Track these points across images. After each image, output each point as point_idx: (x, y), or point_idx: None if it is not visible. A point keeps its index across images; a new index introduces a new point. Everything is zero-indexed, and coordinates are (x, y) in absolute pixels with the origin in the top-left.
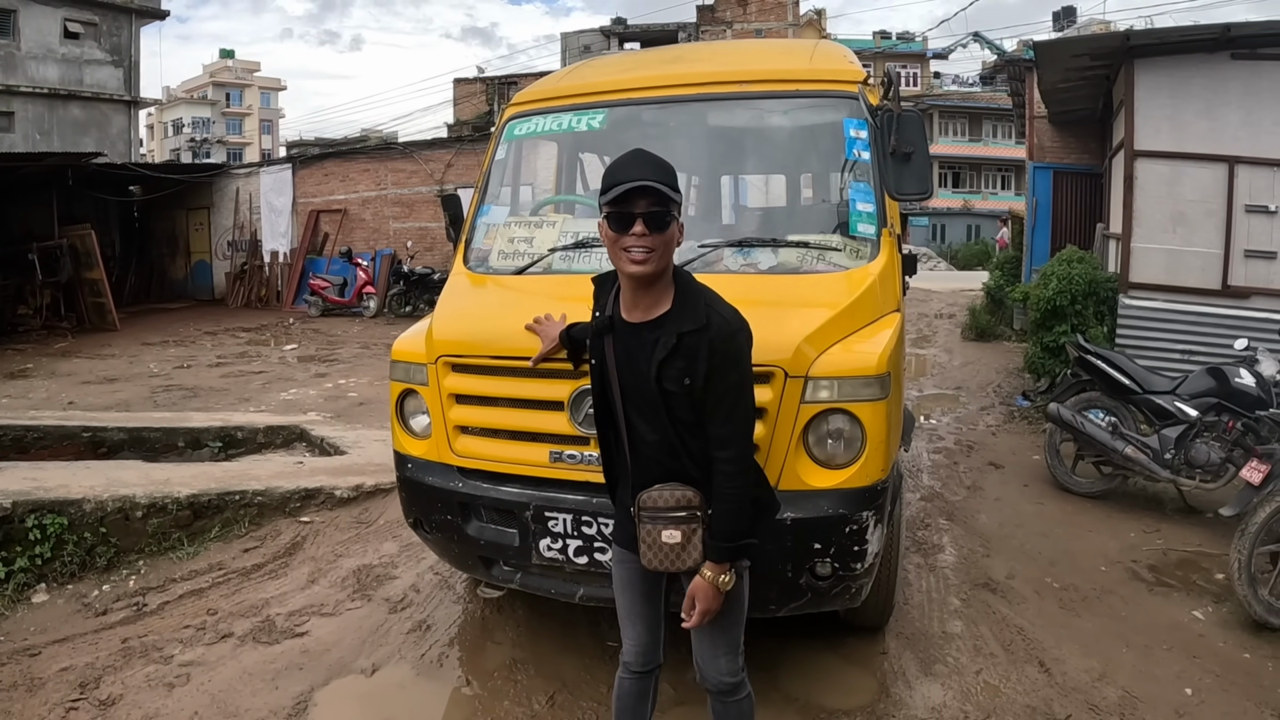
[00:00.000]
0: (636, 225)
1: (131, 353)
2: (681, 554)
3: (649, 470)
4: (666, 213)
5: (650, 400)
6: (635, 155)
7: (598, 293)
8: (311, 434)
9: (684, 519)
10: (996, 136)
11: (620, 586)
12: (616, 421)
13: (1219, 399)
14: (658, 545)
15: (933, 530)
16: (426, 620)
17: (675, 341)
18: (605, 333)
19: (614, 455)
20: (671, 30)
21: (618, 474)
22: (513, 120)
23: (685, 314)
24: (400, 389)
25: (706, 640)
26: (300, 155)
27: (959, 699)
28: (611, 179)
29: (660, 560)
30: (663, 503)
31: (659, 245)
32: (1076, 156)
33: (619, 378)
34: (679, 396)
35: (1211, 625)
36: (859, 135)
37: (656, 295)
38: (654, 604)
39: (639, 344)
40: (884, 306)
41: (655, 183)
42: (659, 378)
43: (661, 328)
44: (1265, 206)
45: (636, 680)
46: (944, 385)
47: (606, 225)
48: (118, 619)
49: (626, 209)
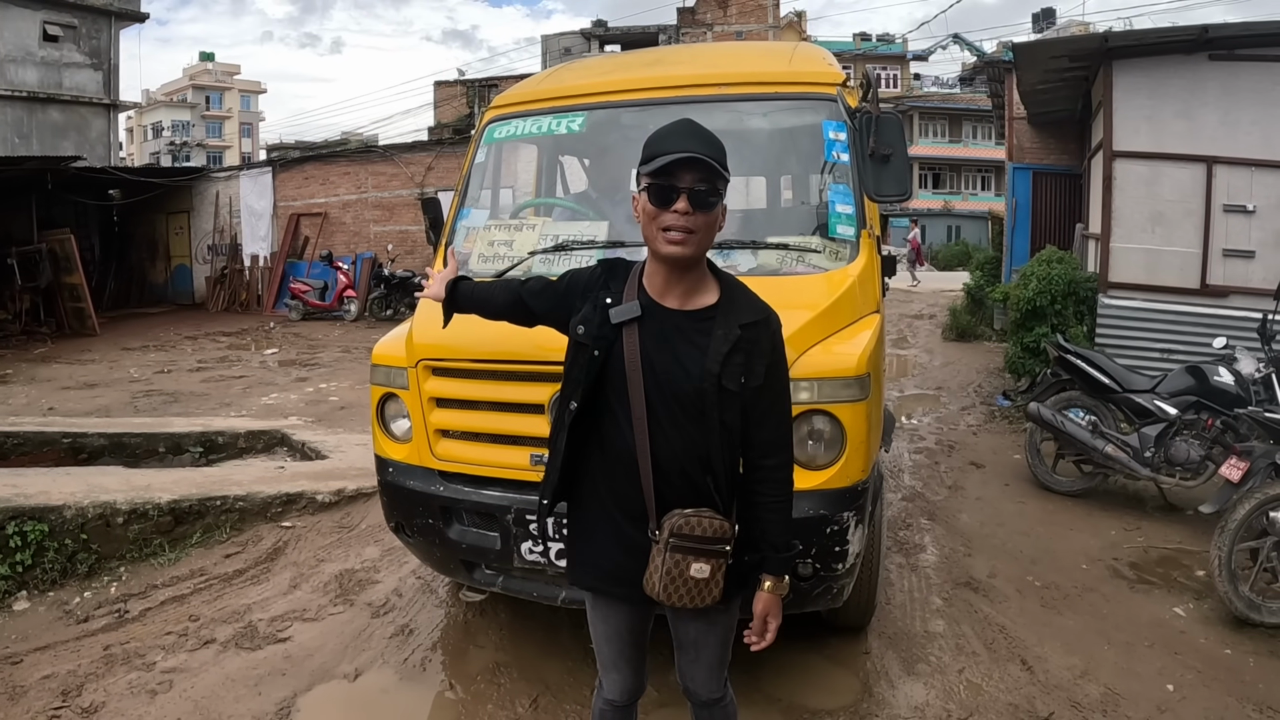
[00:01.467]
0: (680, 201)
1: (112, 358)
2: (705, 589)
3: (671, 489)
4: (714, 190)
5: (696, 401)
6: (683, 124)
7: (607, 277)
8: (293, 438)
9: (716, 552)
10: (976, 138)
11: (607, 638)
12: (608, 427)
13: (1198, 397)
14: (683, 579)
15: (914, 530)
16: (409, 624)
17: (739, 334)
18: (633, 321)
19: (590, 467)
20: (652, 32)
21: (600, 491)
22: (492, 123)
23: (740, 304)
24: (381, 393)
25: (701, 662)
26: (280, 158)
27: (942, 698)
28: (656, 147)
29: (679, 594)
30: (700, 531)
31: (701, 227)
32: (1056, 157)
33: (653, 372)
34: (734, 397)
35: (1192, 622)
36: (838, 137)
37: (695, 281)
38: (643, 646)
39: (685, 335)
40: (863, 308)
41: (705, 156)
42: (720, 375)
43: (714, 319)
44: (1243, 206)
45: (620, 712)
46: (925, 385)
47: (646, 198)
48: (99, 626)
49: (670, 182)
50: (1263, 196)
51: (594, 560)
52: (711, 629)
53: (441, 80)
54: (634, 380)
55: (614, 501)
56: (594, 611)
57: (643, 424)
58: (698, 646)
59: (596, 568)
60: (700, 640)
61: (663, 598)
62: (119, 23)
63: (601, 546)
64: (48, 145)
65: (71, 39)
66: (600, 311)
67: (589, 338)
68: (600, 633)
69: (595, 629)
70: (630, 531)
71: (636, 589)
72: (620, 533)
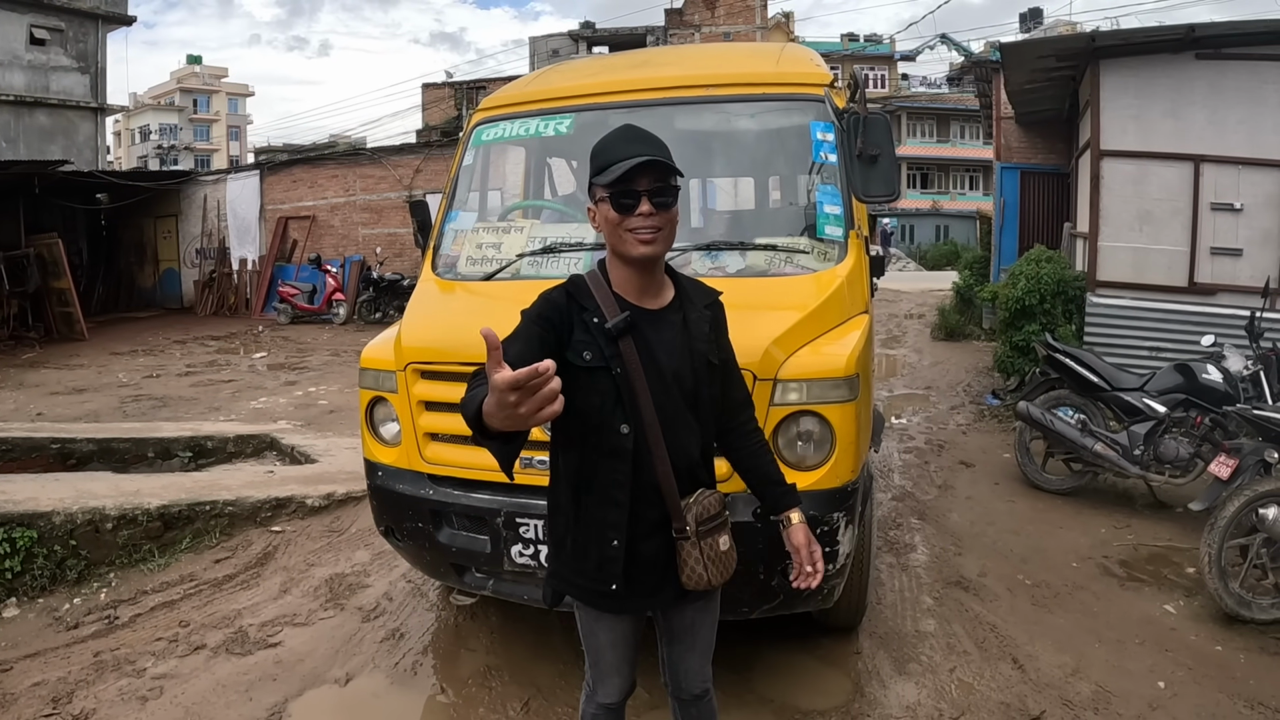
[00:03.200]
0: (643, 204)
1: (100, 362)
2: (731, 558)
3: (681, 482)
4: (670, 189)
5: (694, 387)
6: (626, 131)
7: (576, 297)
8: (282, 442)
9: (725, 520)
10: (964, 137)
11: (612, 644)
12: (608, 442)
13: (1187, 395)
14: (718, 557)
15: (904, 530)
16: (400, 628)
17: (709, 315)
18: (625, 332)
19: (587, 482)
20: (640, 34)
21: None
22: (480, 125)
23: (694, 289)
24: (370, 396)
25: (697, 649)
26: (268, 162)
27: (933, 697)
28: (605, 157)
29: (721, 573)
30: (713, 509)
31: (665, 224)
32: (1043, 157)
33: (657, 374)
34: (717, 370)
35: (1183, 619)
36: (826, 138)
37: (663, 278)
38: (639, 645)
39: (670, 330)
40: (852, 308)
41: (659, 157)
42: (707, 353)
43: (682, 308)
44: (1231, 204)
45: (611, 713)
46: (914, 385)
47: (607, 207)
48: (89, 632)
49: (629, 188)
50: (1250, 195)
51: (630, 576)
52: (707, 609)
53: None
54: (640, 388)
55: (626, 514)
56: (597, 621)
57: (655, 430)
58: (695, 631)
59: (635, 585)
60: (697, 622)
61: (714, 581)
62: (106, 26)
63: (614, 563)
64: (35, 149)
65: (58, 42)
66: (597, 331)
67: (600, 360)
68: (604, 640)
69: (596, 638)
70: (651, 539)
71: (663, 594)
72: (645, 541)
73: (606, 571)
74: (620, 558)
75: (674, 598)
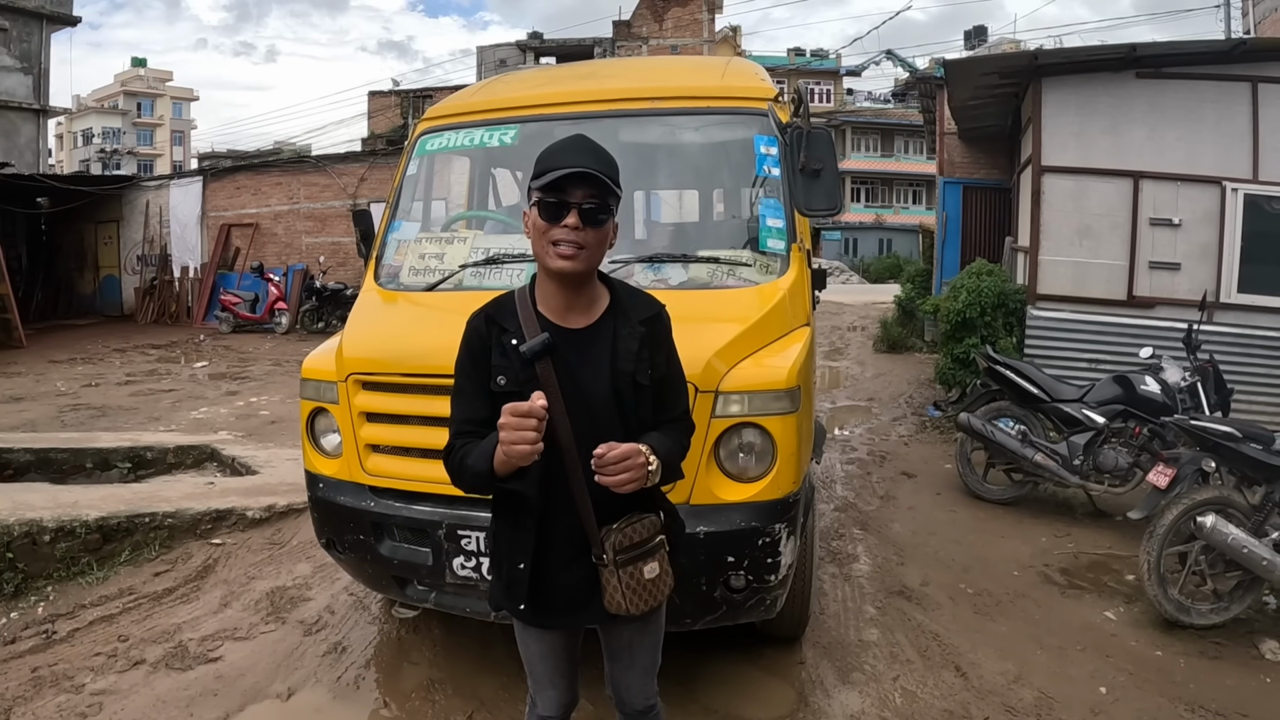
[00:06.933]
0: (570, 216)
1: (38, 370)
2: (662, 584)
3: (603, 506)
4: (604, 207)
5: (615, 408)
6: (576, 140)
7: (497, 317)
8: (223, 453)
9: (657, 546)
10: (908, 152)
11: (541, 656)
12: (531, 466)
13: (1125, 406)
14: (641, 585)
15: (847, 540)
16: (342, 642)
17: (643, 330)
18: (545, 354)
19: (517, 504)
20: (588, 45)
21: (542, 529)
22: (425, 135)
23: (635, 303)
24: (311, 407)
25: (636, 667)
26: (212, 168)
27: (877, 706)
28: (548, 162)
29: (644, 601)
30: (639, 537)
31: (591, 242)
32: (986, 172)
33: (579, 396)
34: (646, 391)
35: (1123, 625)
36: (769, 152)
37: (591, 294)
38: (576, 659)
39: (593, 348)
40: (794, 321)
41: (597, 171)
42: (634, 373)
43: (615, 322)
44: (1169, 219)
45: None
46: (856, 397)
47: (536, 213)
48: (27, 647)
49: (561, 197)
50: (1188, 210)
51: (542, 597)
52: (645, 631)
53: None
54: (557, 412)
55: (550, 535)
56: (526, 631)
57: (573, 455)
58: (632, 651)
59: (547, 605)
60: (634, 643)
61: (633, 610)
62: (50, 26)
63: (546, 581)
64: None
65: (1, 41)
66: (513, 354)
67: (514, 385)
68: (534, 651)
69: (528, 648)
70: (573, 562)
71: (585, 613)
72: (564, 565)
73: (514, 592)
74: (525, 580)
75: (606, 617)
